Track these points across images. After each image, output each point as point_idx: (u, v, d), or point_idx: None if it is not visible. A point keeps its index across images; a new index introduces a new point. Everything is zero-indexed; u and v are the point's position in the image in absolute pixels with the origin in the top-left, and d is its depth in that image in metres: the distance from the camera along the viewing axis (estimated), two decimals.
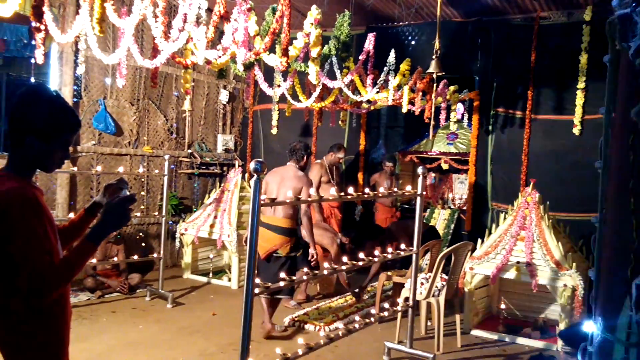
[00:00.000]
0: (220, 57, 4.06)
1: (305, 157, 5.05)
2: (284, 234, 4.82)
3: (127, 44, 4.26)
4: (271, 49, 4.11)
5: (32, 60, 6.42)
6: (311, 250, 4.93)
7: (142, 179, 7.03)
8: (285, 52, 3.94)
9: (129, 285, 5.97)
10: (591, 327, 1.71)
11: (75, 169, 5.95)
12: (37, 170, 1.92)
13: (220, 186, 7.21)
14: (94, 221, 2.09)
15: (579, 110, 6.13)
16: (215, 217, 6.67)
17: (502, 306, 5.33)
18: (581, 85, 6.11)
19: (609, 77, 1.66)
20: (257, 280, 3.09)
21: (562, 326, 4.84)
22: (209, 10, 4.02)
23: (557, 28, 6.32)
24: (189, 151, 7.57)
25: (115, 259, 5.96)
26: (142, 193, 7.01)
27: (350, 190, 3.80)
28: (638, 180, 1.51)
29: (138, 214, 6.53)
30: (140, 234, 6.95)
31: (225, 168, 8.03)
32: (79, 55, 5.88)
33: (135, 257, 5.94)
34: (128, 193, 2.00)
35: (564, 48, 6.27)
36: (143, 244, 6.92)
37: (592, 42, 6.03)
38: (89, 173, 6.26)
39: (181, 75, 6.02)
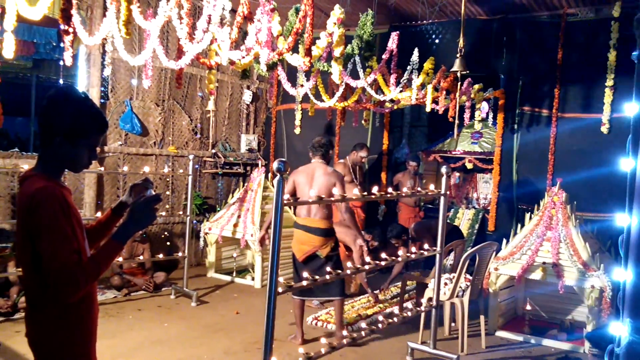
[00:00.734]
0: (243, 57, 4.09)
1: (330, 152, 4.93)
2: (324, 235, 4.69)
3: (153, 46, 4.33)
4: (294, 49, 4.13)
5: (61, 63, 6.56)
6: (359, 242, 4.85)
7: (167, 179, 7.13)
8: (308, 52, 3.95)
9: (154, 284, 6.06)
10: (619, 328, 1.68)
11: (103, 169, 6.06)
12: (66, 170, 1.96)
13: (243, 186, 7.26)
14: (120, 220, 2.12)
15: (607, 108, 6.01)
16: (239, 216, 6.71)
17: (528, 307, 5.26)
18: (609, 82, 6.00)
19: (637, 74, 1.63)
20: (281, 279, 3.10)
21: (589, 328, 4.76)
22: (233, 11, 4.06)
23: (584, 25, 6.21)
24: (213, 151, 7.64)
25: (141, 257, 6.05)
26: (167, 193, 7.10)
27: (374, 189, 3.80)
28: None
29: (163, 214, 6.62)
30: (165, 233, 7.04)
31: (248, 168, 8.08)
32: (106, 57, 5.97)
33: (161, 255, 6.02)
34: (153, 193, 2.03)
35: (591, 45, 6.16)
36: (168, 243, 7.01)
37: (621, 38, 5.91)
38: (115, 173, 6.37)
39: (205, 76, 6.09)
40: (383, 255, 4.17)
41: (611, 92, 5.99)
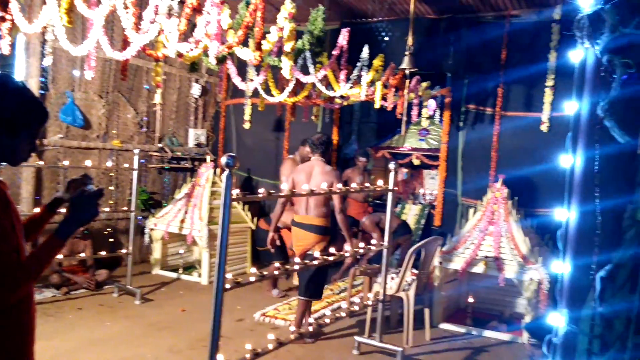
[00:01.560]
0: (192, 50, 4.01)
1: (329, 150, 4.94)
2: (318, 232, 4.73)
3: (96, 35, 4.17)
4: (244, 43, 4.08)
5: None
6: (346, 246, 4.85)
7: (111, 174, 6.91)
8: (258, 46, 3.91)
9: (95, 282, 5.87)
10: (557, 319, 1.75)
11: (42, 162, 5.81)
12: (2, 163, 1.86)
13: (191, 181, 7.15)
14: (54, 217, 2.04)
15: (547, 107, 6.24)
16: (186, 212, 6.60)
17: (470, 300, 5.42)
18: (550, 83, 6.23)
19: (576, 74, 1.69)
20: (228, 276, 3.07)
21: (527, 319, 4.95)
22: (181, 2, 3.97)
23: (527, 26, 6.42)
24: (160, 145, 7.47)
25: (83, 254, 5.85)
26: (111, 188, 6.89)
27: (322, 185, 3.81)
28: (603, 174, 1.55)
29: (106, 209, 6.42)
30: (109, 229, 6.83)
31: (196, 163, 7.95)
32: (46, 46, 5.75)
33: (103, 252, 5.83)
34: (94, 188, 1.95)
35: (533, 46, 6.37)
36: (111, 240, 6.80)
37: (561, 40, 6.14)
38: (55, 167, 6.13)
39: (152, 68, 5.94)
40: (332, 249, 4.20)
41: (551, 92, 6.22)
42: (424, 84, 6.20)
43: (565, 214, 1.83)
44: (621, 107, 1.54)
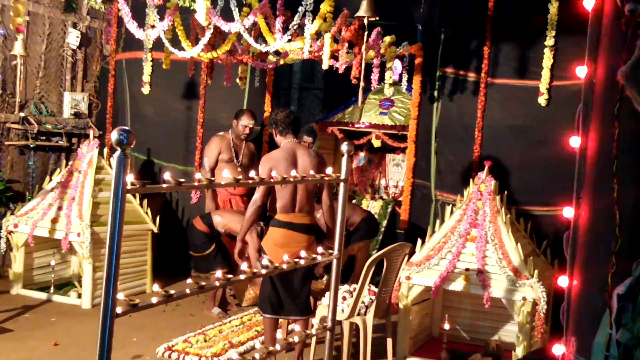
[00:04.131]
0: None
1: (274, 130, 5.26)
2: (310, 232, 5.06)
3: None
4: None
5: None
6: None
7: None
8: None
9: None
10: (560, 350, 1.80)
11: None
12: None
13: (67, 165, 6.97)
14: None
15: (546, 73, 6.36)
16: (60, 208, 6.46)
17: (446, 326, 5.53)
18: (550, 42, 6.34)
19: (590, 29, 1.73)
20: (120, 296, 2.99)
21: (519, 351, 5.09)
22: None
23: None
24: (22, 114, 7.22)
25: None
26: None
27: (252, 173, 3.77)
28: (624, 161, 1.58)
29: None
30: None
31: (74, 140, 7.76)
32: None
33: None
34: None
35: None
36: None
37: None
38: None
39: (9, 6, 5.71)
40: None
41: (552, 54, 6.32)
42: (388, 39, 6.25)
43: (572, 212, 1.87)
44: None
